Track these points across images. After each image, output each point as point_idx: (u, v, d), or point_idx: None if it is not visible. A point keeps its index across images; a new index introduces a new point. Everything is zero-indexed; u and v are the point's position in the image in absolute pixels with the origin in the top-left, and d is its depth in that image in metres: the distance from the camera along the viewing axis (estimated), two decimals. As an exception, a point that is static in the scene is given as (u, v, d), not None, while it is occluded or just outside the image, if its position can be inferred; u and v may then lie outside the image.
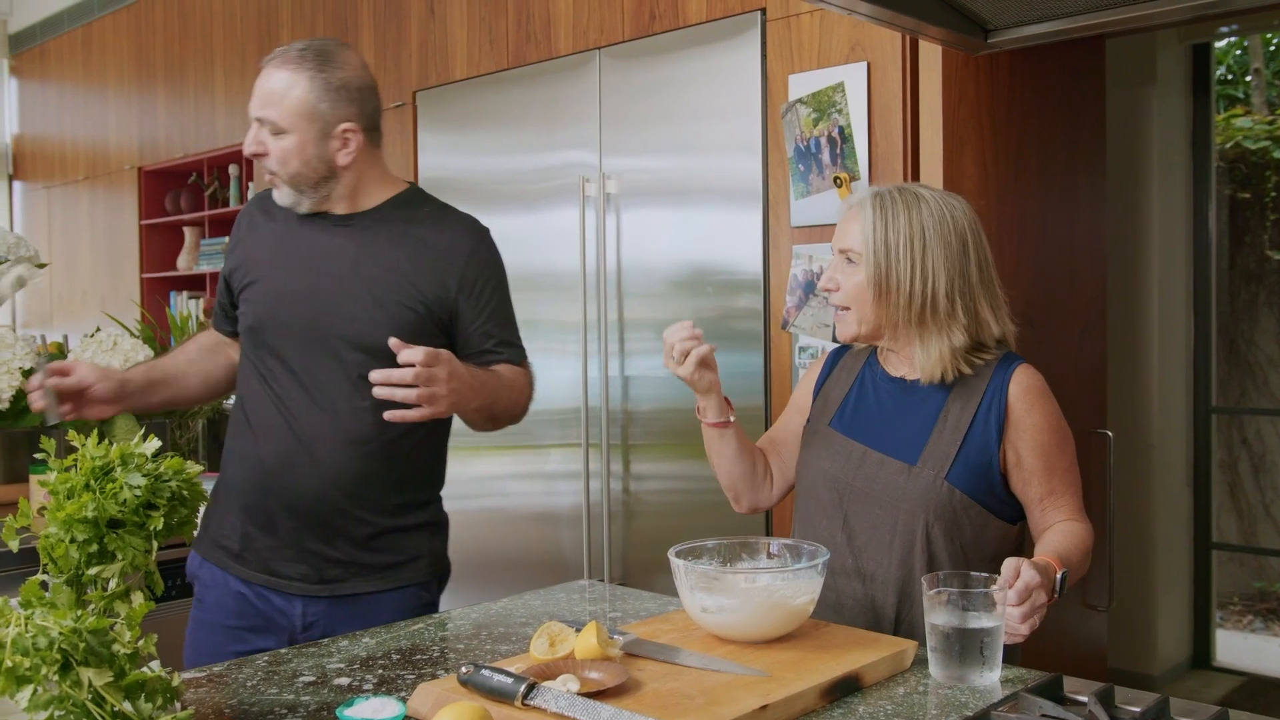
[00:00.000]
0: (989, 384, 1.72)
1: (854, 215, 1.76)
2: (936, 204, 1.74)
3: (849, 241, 1.75)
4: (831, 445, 1.81)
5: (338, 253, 1.97)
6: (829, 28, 2.78)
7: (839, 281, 1.77)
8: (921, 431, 1.72)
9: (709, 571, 1.56)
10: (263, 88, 1.92)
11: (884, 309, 1.73)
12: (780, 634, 1.52)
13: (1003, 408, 1.70)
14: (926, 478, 1.69)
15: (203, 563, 2.02)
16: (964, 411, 1.71)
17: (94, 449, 1.28)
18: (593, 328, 3.29)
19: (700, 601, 1.52)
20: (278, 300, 1.97)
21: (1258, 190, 5.22)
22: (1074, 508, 1.72)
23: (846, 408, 1.83)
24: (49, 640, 1.10)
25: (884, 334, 1.77)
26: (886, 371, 1.82)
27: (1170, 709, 1.30)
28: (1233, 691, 4.21)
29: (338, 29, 4.36)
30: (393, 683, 1.46)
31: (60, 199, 6.53)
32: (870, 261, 1.72)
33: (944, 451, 1.70)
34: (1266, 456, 5.22)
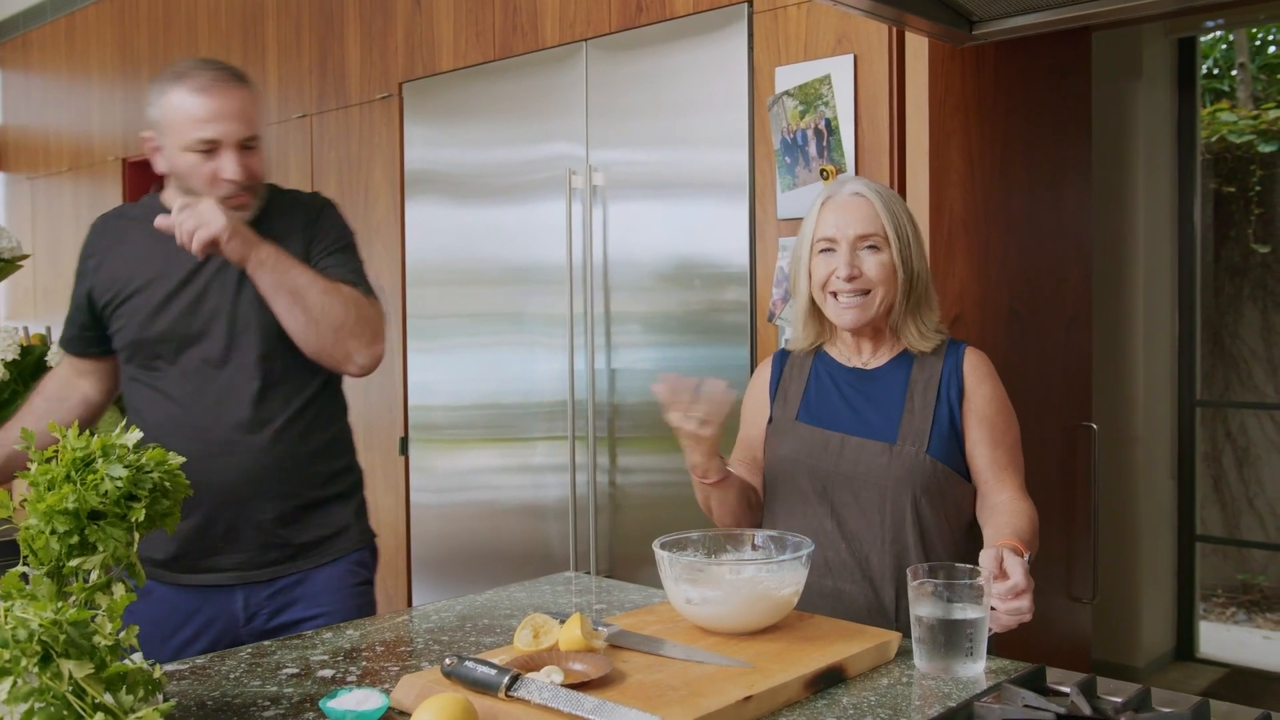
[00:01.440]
0: (944, 362, 1.82)
1: (855, 205, 1.82)
2: (893, 190, 1.91)
3: (867, 227, 1.80)
4: (805, 437, 1.85)
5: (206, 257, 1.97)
6: (815, 20, 2.78)
7: (861, 269, 1.80)
8: (893, 412, 1.80)
9: (694, 563, 1.56)
10: (227, 109, 1.93)
11: (903, 289, 1.82)
12: (764, 625, 1.52)
13: (960, 381, 1.80)
14: (909, 454, 1.76)
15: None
16: (928, 388, 1.80)
17: (75, 440, 1.27)
18: (579, 320, 3.29)
19: (685, 593, 1.52)
20: (165, 308, 1.99)
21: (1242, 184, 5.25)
22: (1018, 485, 1.81)
23: (809, 401, 1.88)
24: (29, 632, 1.09)
25: (889, 317, 1.84)
26: (840, 363, 1.89)
27: (1152, 699, 1.31)
28: (1216, 683, 4.24)
29: (323, 19, 4.34)
30: (376, 674, 1.45)
31: (44, 190, 6.49)
32: (896, 244, 1.80)
33: (919, 428, 1.78)
34: (1250, 449, 5.25)
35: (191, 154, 1.93)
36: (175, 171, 1.98)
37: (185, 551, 1.97)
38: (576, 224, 3.29)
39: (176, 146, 1.94)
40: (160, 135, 1.98)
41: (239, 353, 1.98)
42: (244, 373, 1.98)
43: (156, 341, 1.99)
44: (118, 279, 2.02)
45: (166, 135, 1.96)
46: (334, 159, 4.29)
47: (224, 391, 1.98)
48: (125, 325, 2.01)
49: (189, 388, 1.98)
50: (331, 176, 4.30)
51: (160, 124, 1.97)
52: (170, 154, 1.97)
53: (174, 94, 1.94)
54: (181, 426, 1.95)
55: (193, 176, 1.95)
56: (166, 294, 1.99)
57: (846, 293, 1.80)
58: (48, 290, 6.42)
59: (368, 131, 4.11)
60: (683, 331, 3.09)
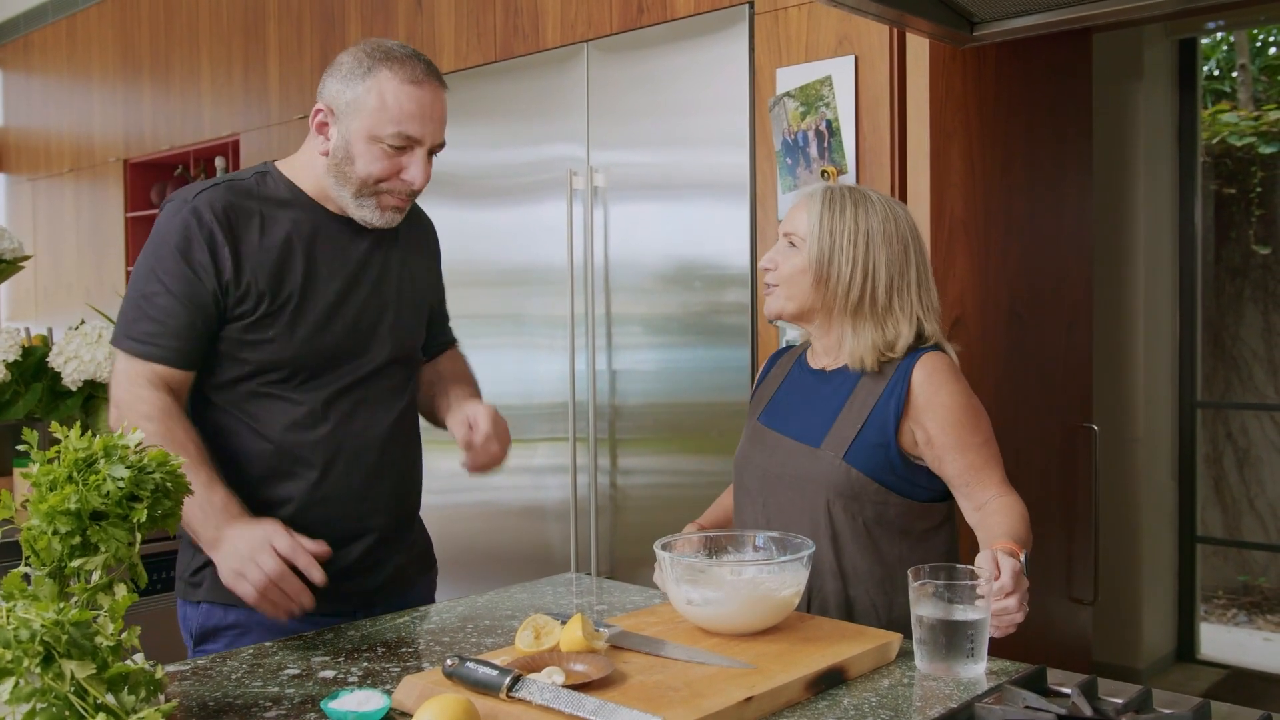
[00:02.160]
0: (895, 372, 1.81)
1: (803, 205, 1.86)
2: (882, 207, 1.85)
3: (793, 227, 1.85)
4: (757, 438, 1.91)
5: (366, 261, 1.85)
6: (816, 21, 2.78)
7: (777, 262, 1.86)
8: (829, 417, 1.82)
9: (694, 564, 1.56)
10: (439, 113, 1.77)
11: (819, 294, 1.83)
12: (765, 626, 1.52)
13: (904, 393, 1.78)
14: (827, 458, 1.78)
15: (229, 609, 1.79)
16: (869, 397, 1.80)
17: (77, 441, 1.27)
18: (580, 322, 3.29)
19: (686, 594, 1.52)
20: (332, 319, 1.79)
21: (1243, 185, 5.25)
22: (999, 481, 1.79)
23: (775, 401, 1.94)
24: (31, 632, 1.09)
25: (814, 318, 1.86)
26: (809, 364, 1.93)
27: (1153, 700, 1.31)
28: (1216, 684, 4.24)
29: (325, 21, 4.35)
30: (378, 675, 1.45)
31: (45, 191, 6.49)
32: (814, 249, 1.82)
33: (844, 434, 1.79)
34: (1251, 450, 5.25)
35: (380, 146, 1.73)
36: (349, 156, 1.75)
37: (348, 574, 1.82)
38: (577, 225, 3.30)
39: (365, 132, 1.73)
40: (346, 114, 1.74)
41: (390, 363, 1.87)
42: (391, 382, 1.88)
43: (323, 357, 1.79)
44: (262, 280, 1.74)
45: (356, 117, 1.73)
46: (335, 160, 4.29)
47: (379, 412, 1.85)
48: (279, 338, 1.75)
49: (346, 403, 1.81)
50: (332, 177, 4.30)
51: (354, 103, 1.73)
52: (350, 136, 1.74)
53: (383, 76, 1.72)
54: (325, 442, 1.79)
55: (371, 168, 1.74)
56: (330, 304, 1.79)
57: (766, 283, 1.88)
58: (48, 291, 6.42)
59: (369, 132, 4.11)
60: (684, 333, 3.09)
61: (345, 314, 1.81)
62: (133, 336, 1.71)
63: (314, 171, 1.81)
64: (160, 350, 1.70)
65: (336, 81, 1.75)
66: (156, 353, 1.70)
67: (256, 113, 4.75)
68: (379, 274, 1.85)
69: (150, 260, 1.74)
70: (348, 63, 1.76)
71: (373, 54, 1.75)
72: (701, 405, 3.05)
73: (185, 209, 1.73)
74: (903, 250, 1.83)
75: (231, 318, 1.74)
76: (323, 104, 1.77)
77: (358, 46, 1.78)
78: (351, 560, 1.82)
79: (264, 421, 1.78)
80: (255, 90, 4.75)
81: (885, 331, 1.81)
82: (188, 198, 1.74)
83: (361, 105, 1.73)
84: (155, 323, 1.70)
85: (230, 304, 1.73)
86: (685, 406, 3.09)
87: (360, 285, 1.83)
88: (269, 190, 1.81)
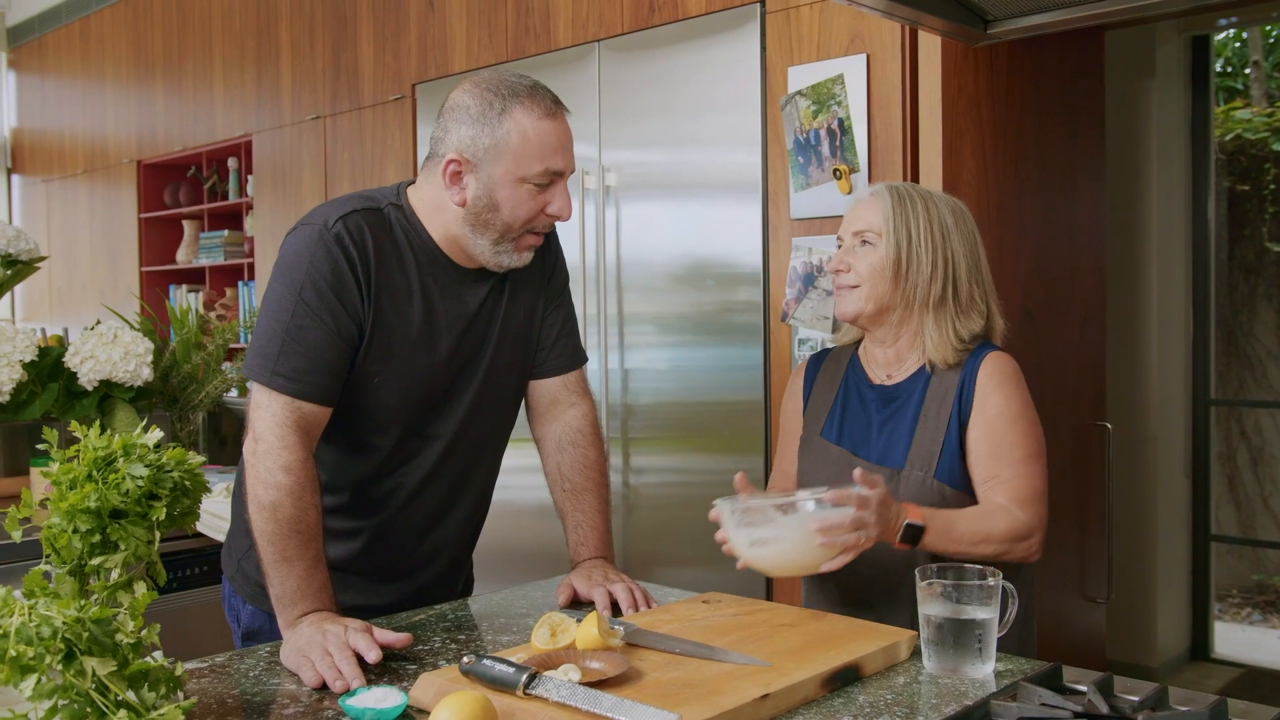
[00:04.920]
0: (961, 373, 1.77)
1: (869, 203, 1.82)
2: (947, 200, 1.83)
3: (866, 223, 1.80)
4: (825, 456, 1.85)
5: (478, 312, 1.78)
6: (828, 20, 2.78)
7: (850, 263, 1.81)
8: (906, 435, 1.77)
9: (755, 505, 1.61)
10: (570, 139, 1.71)
11: (898, 290, 1.78)
12: (822, 564, 1.55)
13: (971, 393, 1.75)
14: (916, 479, 1.73)
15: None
16: (942, 407, 1.75)
17: (96, 440, 1.28)
18: (592, 321, 3.29)
19: (749, 535, 1.56)
20: (429, 375, 1.74)
21: (1257, 182, 5.23)
22: (1014, 494, 1.70)
23: (835, 416, 1.87)
24: (52, 630, 1.10)
25: (889, 317, 1.81)
26: (869, 378, 1.86)
27: (1169, 698, 1.31)
28: (1231, 683, 4.22)
29: (337, 21, 4.36)
30: (395, 673, 1.46)
31: (59, 193, 6.53)
32: (890, 241, 1.78)
33: (928, 450, 1.74)
34: (1265, 449, 5.23)
35: (527, 186, 1.65)
36: (493, 204, 1.66)
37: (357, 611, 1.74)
38: (589, 224, 3.30)
39: (512, 175, 1.64)
40: (486, 161, 1.64)
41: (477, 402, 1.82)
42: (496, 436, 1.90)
43: (418, 409, 1.76)
44: (387, 323, 1.69)
45: (499, 162, 1.64)
46: (347, 160, 4.30)
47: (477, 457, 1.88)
48: (384, 385, 1.71)
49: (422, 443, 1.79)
50: (345, 178, 4.31)
51: (493, 148, 1.64)
52: (494, 182, 1.65)
53: (519, 115, 1.64)
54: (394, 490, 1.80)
55: (519, 211, 1.66)
56: (441, 358, 1.74)
57: (839, 285, 1.83)
58: (62, 291, 6.45)
59: (381, 133, 4.13)
60: (696, 332, 3.09)
61: (452, 365, 1.76)
62: (282, 373, 1.61)
63: (444, 219, 1.71)
64: (310, 388, 1.62)
65: (468, 128, 1.64)
66: (307, 390, 1.62)
67: (269, 114, 4.76)
68: (487, 321, 1.79)
69: (295, 289, 1.63)
70: (474, 106, 1.65)
71: (500, 92, 1.65)
72: (714, 404, 3.05)
73: (328, 236, 1.64)
74: (974, 240, 1.82)
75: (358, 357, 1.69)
76: (455, 154, 1.65)
77: (475, 86, 1.68)
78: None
79: (336, 466, 1.76)
80: (268, 91, 4.77)
81: (969, 322, 1.78)
82: (327, 223, 1.65)
83: (503, 149, 1.63)
84: (306, 359, 1.62)
85: (363, 343, 1.68)
86: (697, 405, 3.09)
87: (469, 336, 1.77)
88: (404, 227, 1.72)
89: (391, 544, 1.82)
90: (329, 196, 4.37)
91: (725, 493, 2.08)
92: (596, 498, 1.91)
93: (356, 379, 1.69)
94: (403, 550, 1.84)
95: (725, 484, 1.93)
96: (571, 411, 1.93)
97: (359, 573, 1.81)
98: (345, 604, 1.70)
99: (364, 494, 1.78)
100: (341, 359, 1.65)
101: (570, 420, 1.93)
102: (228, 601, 1.92)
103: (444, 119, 1.69)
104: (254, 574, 1.71)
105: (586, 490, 1.91)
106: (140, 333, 2.95)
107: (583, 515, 1.90)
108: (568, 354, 1.93)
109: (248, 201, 5.13)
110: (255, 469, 1.59)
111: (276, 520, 1.55)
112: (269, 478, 1.57)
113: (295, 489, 1.57)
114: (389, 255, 1.68)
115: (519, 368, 1.88)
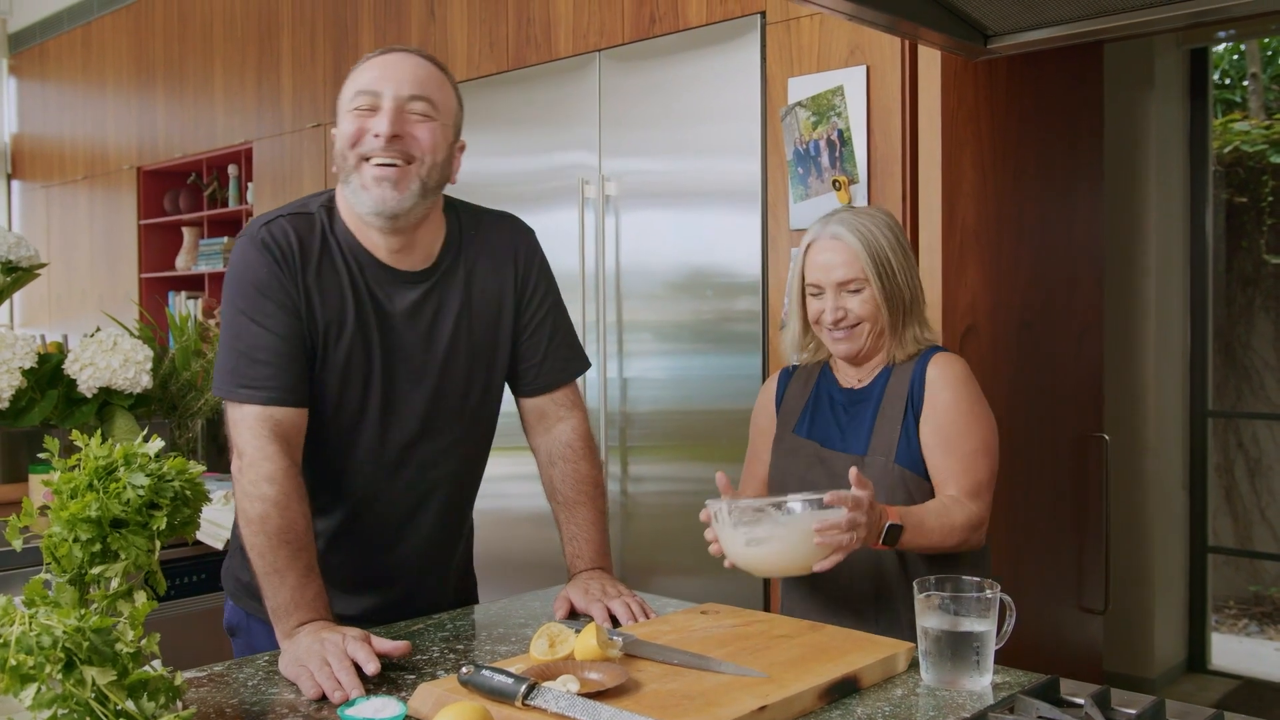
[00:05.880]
0: (912, 372, 1.88)
1: (834, 249, 1.89)
2: (880, 214, 1.92)
3: (847, 274, 1.87)
4: (796, 450, 1.95)
5: (407, 308, 1.75)
6: (828, 31, 2.79)
7: (847, 309, 1.88)
8: (868, 426, 1.88)
9: (750, 505, 1.64)
10: (409, 70, 1.68)
11: (891, 314, 1.89)
12: (816, 563, 1.60)
13: (921, 390, 1.86)
14: (878, 464, 1.84)
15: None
16: (897, 399, 1.87)
17: (97, 449, 1.28)
18: (591, 329, 3.30)
19: (745, 535, 1.60)
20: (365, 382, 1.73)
21: (1254, 195, 5.24)
22: (963, 487, 1.81)
23: (806, 416, 1.98)
24: (53, 639, 1.11)
25: (881, 340, 1.91)
26: (839, 382, 1.97)
27: (1166, 711, 1.31)
28: (1228, 695, 4.22)
29: (338, 30, 4.37)
30: (393, 683, 1.46)
31: (59, 199, 6.53)
32: (876, 283, 1.86)
33: (888, 439, 1.85)
34: (1262, 460, 5.24)
35: (349, 115, 1.68)
36: (335, 142, 1.71)
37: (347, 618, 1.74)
38: (589, 233, 3.31)
39: (343, 114, 1.70)
40: (337, 116, 1.72)
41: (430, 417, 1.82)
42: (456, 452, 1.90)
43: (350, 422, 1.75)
44: (320, 324, 1.70)
45: (340, 108, 1.71)
46: (348, 168, 4.30)
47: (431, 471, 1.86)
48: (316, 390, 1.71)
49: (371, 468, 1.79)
50: (345, 185, 4.32)
51: (339, 100, 1.72)
52: (337, 130, 1.71)
53: (358, 67, 1.72)
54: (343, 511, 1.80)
55: (346, 130, 1.68)
56: (369, 359, 1.74)
57: (837, 329, 1.90)
58: (61, 298, 6.45)
59: (381, 141, 4.13)
60: (695, 341, 3.10)
61: (388, 369, 1.73)
62: (244, 384, 1.62)
63: (345, 205, 1.73)
64: (275, 392, 1.62)
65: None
66: (272, 395, 1.62)
67: (269, 121, 4.77)
68: (429, 324, 1.76)
69: (235, 299, 1.67)
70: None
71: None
72: (712, 413, 3.06)
73: (255, 242, 1.67)
74: (907, 244, 1.93)
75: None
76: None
77: None
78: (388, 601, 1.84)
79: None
80: (268, 98, 4.78)
81: (921, 326, 1.92)
82: (253, 230, 1.69)
83: (341, 96, 1.72)
84: (261, 364, 1.62)
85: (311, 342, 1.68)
86: (696, 414, 3.10)
87: (403, 337, 1.74)
88: (333, 228, 1.73)
89: (353, 553, 1.80)
90: (329, 204, 4.37)
91: (724, 503, 2.09)
92: (591, 510, 1.90)
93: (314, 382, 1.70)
94: (365, 561, 1.82)
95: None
96: (560, 425, 1.92)
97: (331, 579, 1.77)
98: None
99: (317, 497, 1.72)
100: (296, 355, 1.65)
101: (559, 434, 1.92)
102: (242, 639, 1.88)
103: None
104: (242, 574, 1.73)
105: (579, 504, 1.90)
106: (140, 340, 2.95)
107: (577, 528, 1.90)
108: (555, 370, 1.91)
109: (248, 208, 5.13)
110: (241, 484, 1.60)
111: (265, 533, 1.56)
112: (253, 490, 1.58)
113: (281, 499, 1.57)
114: (317, 256, 1.69)
115: (481, 385, 1.84)
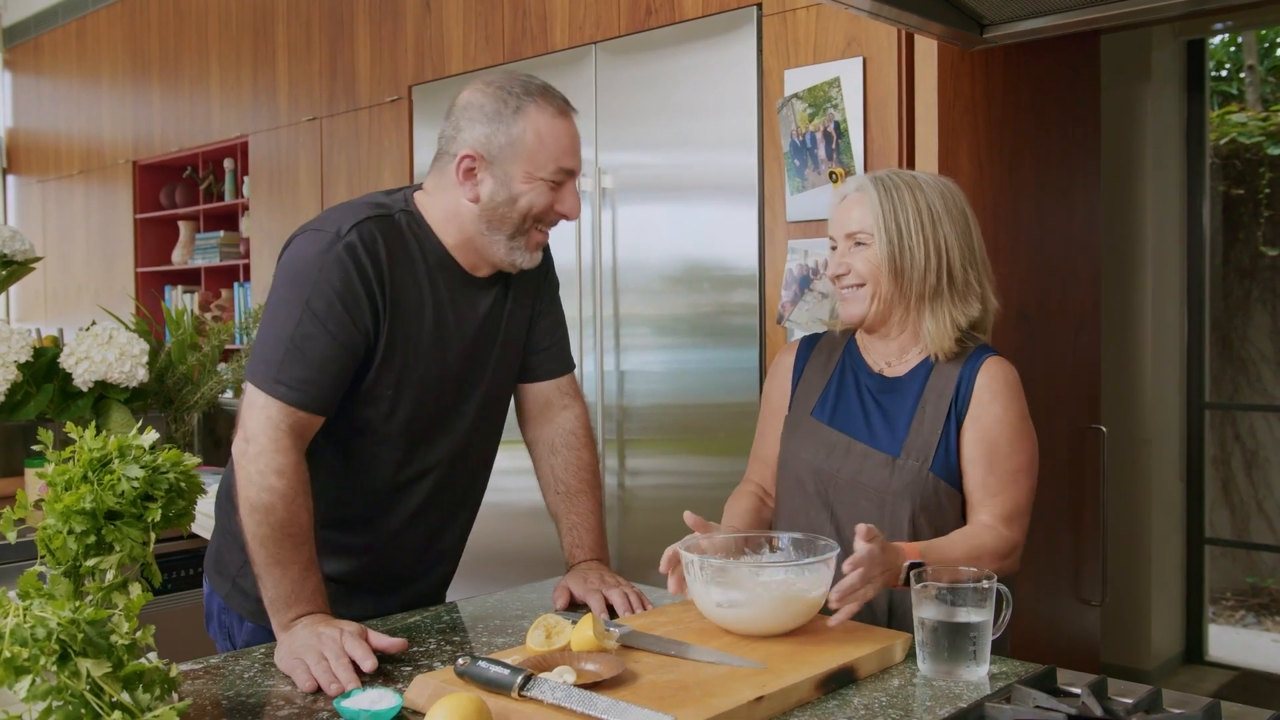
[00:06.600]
0: (960, 373, 1.75)
1: (855, 200, 1.79)
2: (935, 183, 1.79)
3: (857, 224, 1.77)
4: (815, 436, 1.82)
5: (485, 319, 1.78)
6: (825, 23, 2.79)
7: (849, 264, 1.78)
8: (903, 424, 1.76)
9: (725, 566, 1.54)
10: (579, 140, 1.72)
11: (897, 286, 1.76)
12: (793, 627, 1.51)
13: (969, 395, 1.73)
14: (911, 469, 1.72)
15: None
16: (940, 401, 1.74)
17: (92, 441, 1.28)
18: (589, 323, 3.29)
19: (715, 596, 1.51)
20: (439, 386, 1.75)
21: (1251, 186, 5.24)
22: (999, 512, 1.71)
23: (828, 398, 1.85)
24: (47, 631, 1.10)
25: (894, 314, 1.79)
26: (868, 365, 1.85)
27: (1163, 700, 1.31)
28: (1225, 686, 4.23)
29: (334, 22, 4.36)
30: (390, 674, 1.46)
31: (55, 193, 6.52)
32: (882, 240, 1.75)
33: (925, 442, 1.73)
34: (1259, 452, 5.24)
35: (540, 184, 1.66)
36: (511, 198, 1.67)
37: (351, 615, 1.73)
38: (586, 227, 3.30)
39: (524, 173, 1.65)
40: (502, 158, 1.65)
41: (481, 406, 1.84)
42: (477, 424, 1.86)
43: (425, 422, 1.77)
44: (399, 334, 1.69)
45: (516, 159, 1.65)
46: (343, 162, 4.30)
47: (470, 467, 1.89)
48: (391, 396, 1.71)
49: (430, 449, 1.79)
50: (341, 179, 4.31)
51: (509, 146, 1.65)
52: (510, 178, 1.66)
53: (535, 113, 1.65)
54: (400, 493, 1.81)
55: (536, 202, 1.67)
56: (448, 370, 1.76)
57: (843, 287, 1.81)
58: (57, 292, 6.45)
59: (377, 134, 4.13)
60: (692, 334, 3.10)
61: (460, 374, 1.76)
62: (284, 381, 1.59)
63: (459, 222, 1.70)
64: (310, 399, 1.60)
65: (482, 126, 1.65)
66: (307, 400, 1.60)
67: (265, 115, 4.76)
68: (493, 328, 1.80)
69: (302, 298, 1.60)
70: (489, 104, 1.66)
71: (514, 91, 1.66)
72: (710, 406, 3.06)
73: (339, 246, 1.61)
74: (965, 223, 1.78)
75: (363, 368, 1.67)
76: (469, 150, 1.66)
77: (488, 85, 1.69)
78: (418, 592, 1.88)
79: (345, 481, 1.75)
80: (264, 92, 4.77)
81: (967, 308, 1.77)
82: (340, 231, 1.63)
83: (519, 146, 1.64)
84: (309, 368, 1.59)
85: (374, 356, 1.66)
86: (693, 408, 3.09)
87: (476, 343, 1.77)
88: (416, 234, 1.70)
89: (397, 556, 1.82)
90: (325, 197, 4.37)
91: (721, 495, 2.08)
92: (591, 499, 1.91)
93: (367, 392, 1.68)
94: (406, 561, 1.84)
95: (720, 486, 1.94)
96: (564, 414, 1.93)
97: (363, 586, 1.80)
98: (345, 617, 1.66)
99: (372, 507, 1.76)
100: (345, 371, 1.63)
101: (563, 423, 1.93)
102: (216, 619, 1.87)
103: (455, 117, 1.69)
104: (253, 590, 1.65)
105: (581, 492, 1.90)
106: (136, 334, 2.94)
107: (577, 517, 1.90)
108: (560, 358, 1.94)
109: (244, 202, 5.12)
110: (246, 470, 1.58)
111: (270, 524, 1.55)
112: (261, 480, 1.56)
113: (288, 493, 1.56)
114: (401, 263, 1.67)
115: (513, 373, 1.88)
